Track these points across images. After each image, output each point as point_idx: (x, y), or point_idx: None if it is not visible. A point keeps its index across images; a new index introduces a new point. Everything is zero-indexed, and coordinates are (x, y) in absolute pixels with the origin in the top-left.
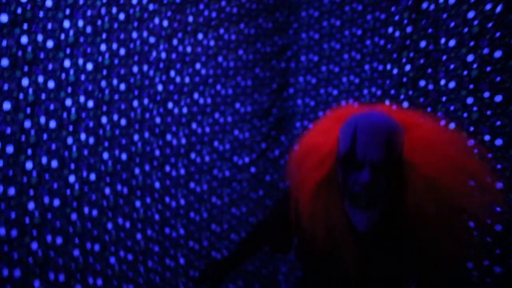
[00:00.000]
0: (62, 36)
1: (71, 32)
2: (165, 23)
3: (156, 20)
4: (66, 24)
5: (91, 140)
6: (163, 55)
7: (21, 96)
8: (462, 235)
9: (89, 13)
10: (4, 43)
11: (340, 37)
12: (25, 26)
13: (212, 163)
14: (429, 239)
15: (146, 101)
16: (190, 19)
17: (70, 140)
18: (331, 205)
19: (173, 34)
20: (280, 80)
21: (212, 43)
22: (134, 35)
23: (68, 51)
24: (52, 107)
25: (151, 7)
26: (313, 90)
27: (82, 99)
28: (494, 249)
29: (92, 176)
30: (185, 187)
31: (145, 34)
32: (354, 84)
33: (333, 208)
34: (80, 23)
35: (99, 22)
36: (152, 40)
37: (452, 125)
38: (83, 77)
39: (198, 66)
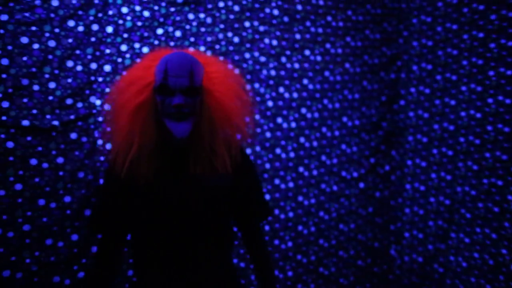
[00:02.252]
0: None
1: None
2: (274, 42)
3: (266, 40)
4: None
5: None
6: (273, 72)
7: None
8: (234, 137)
9: (208, 39)
10: None
11: (458, 42)
12: None
13: (320, 177)
14: (217, 139)
15: (257, 116)
16: (298, 36)
17: None
18: (148, 121)
19: (282, 52)
20: (389, 92)
21: (319, 58)
22: (247, 55)
23: None
24: None
25: (261, 28)
26: (427, 101)
27: None
28: None
29: None
30: (293, 200)
31: (256, 54)
32: (475, 93)
33: (150, 123)
34: (202, 48)
35: (217, 46)
36: (262, 59)
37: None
38: None
39: (305, 81)
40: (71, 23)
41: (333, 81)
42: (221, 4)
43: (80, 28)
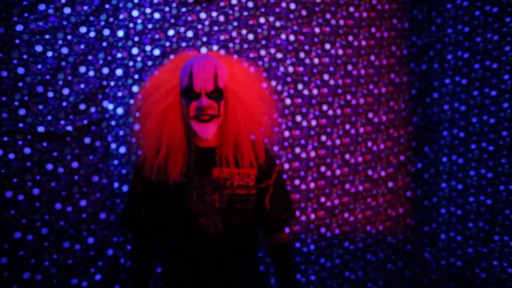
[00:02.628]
0: None
1: None
2: (292, 37)
3: (283, 36)
4: (203, 50)
5: None
6: (290, 69)
7: None
8: (258, 137)
9: (222, 37)
10: None
11: (499, 26)
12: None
13: (344, 177)
14: (242, 140)
15: (274, 115)
16: (317, 30)
17: None
18: (175, 123)
19: (300, 47)
20: (420, 84)
21: (340, 52)
22: (263, 52)
23: None
24: None
25: (277, 24)
26: (464, 92)
27: None
28: None
29: None
30: (315, 201)
31: (272, 50)
32: None
33: (177, 125)
34: (215, 47)
35: (231, 45)
36: (279, 55)
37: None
38: None
39: (326, 77)
40: (83, 29)
41: (356, 75)
42: (234, 1)
43: (92, 34)
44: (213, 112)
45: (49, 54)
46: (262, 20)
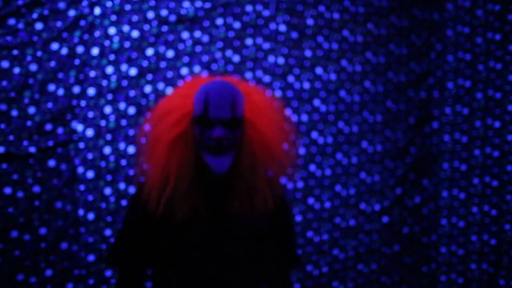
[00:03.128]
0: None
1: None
2: (281, 60)
3: (271, 59)
4: (184, 71)
5: None
6: (278, 93)
7: None
8: (278, 173)
9: (205, 58)
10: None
11: (502, 55)
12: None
13: (334, 210)
14: (259, 176)
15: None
16: (308, 53)
17: None
18: (186, 155)
19: (289, 71)
20: (419, 113)
21: (333, 76)
22: (248, 75)
23: None
24: None
25: (266, 46)
26: (466, 122)
27: None
28: None
29: None
30: (301, 235)
31: (259, 73)
32: None
33: (188, 157)
34: (197, 68)
35: (214, 66)
36: (267, 79)
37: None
38: None
39: (316, 102)
40: (54, 45)
41: (350, 101)
42: (219, 22)
43: (64, 51)
44: (228, 144)
45: (16, 70)
46: (249, 41)
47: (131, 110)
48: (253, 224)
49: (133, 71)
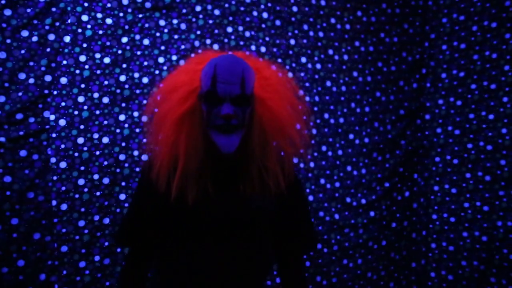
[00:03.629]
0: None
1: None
2: (263, 49)
3: (253, 47)
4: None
5: None
6: None
7: None
8: (288, 150)
9: (182, 46)
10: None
11: (498, 43)
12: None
13: (318, 204)
14: (270, 155)
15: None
16: (292, 42)
17: None
18: (194, 133)
19: (272, 60)
20: (410, 104)
21: (318, 66)
22: None
23: None
24: None
25: (247, 34)
26: (459, 114)
27: None
28: None
29: None
30: None
31: None
32: None
33: (196, 135)
34: (174, 57)
35: (193, 55)
36: None
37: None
38: None
39: (300, 93)
40: (24, 33)
41: (336, 92)
42: (198, 8)
43: (35, 38)
44: (237, 121)
45: None
46: (229, 29)
47: (105, 100)
48: (265, 205)
49: (107, 60)
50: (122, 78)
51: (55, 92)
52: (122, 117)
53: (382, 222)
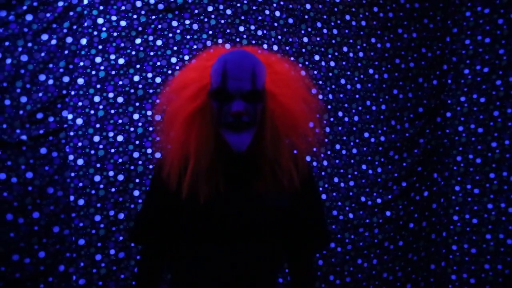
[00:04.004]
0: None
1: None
2: (275, 47)
3: (265, 45)
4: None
5: None
6: None
7: None
8: (302, 146)
9: (194, 46)
10: None
11: None
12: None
13: (332, 203)
14: (283, 152)
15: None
16: (305, 40)
17: None
18: (204, 131)
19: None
20: (430, 102)
21: (332, 64)
22: None
23: None
24: None
25: (259, 32)
26: (482, 112)
27: None
28: None
29: None
30: None
31: None
32: None
33: (207, 133)
34: (186, 57)
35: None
36: None
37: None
38: None
39: (314, 91)
40: (44, 36)
41: (351, 89)
42: (210, 8)
43: (53, 42)
44: (248, 119)
45: (8, 61)
46: (241, 28)
47: (120, 99)
48: (279, 203)
49: (121, 61)
50: (136, 78)
51: (72, 93)
52: (136, 116)
53: (399, 222)
